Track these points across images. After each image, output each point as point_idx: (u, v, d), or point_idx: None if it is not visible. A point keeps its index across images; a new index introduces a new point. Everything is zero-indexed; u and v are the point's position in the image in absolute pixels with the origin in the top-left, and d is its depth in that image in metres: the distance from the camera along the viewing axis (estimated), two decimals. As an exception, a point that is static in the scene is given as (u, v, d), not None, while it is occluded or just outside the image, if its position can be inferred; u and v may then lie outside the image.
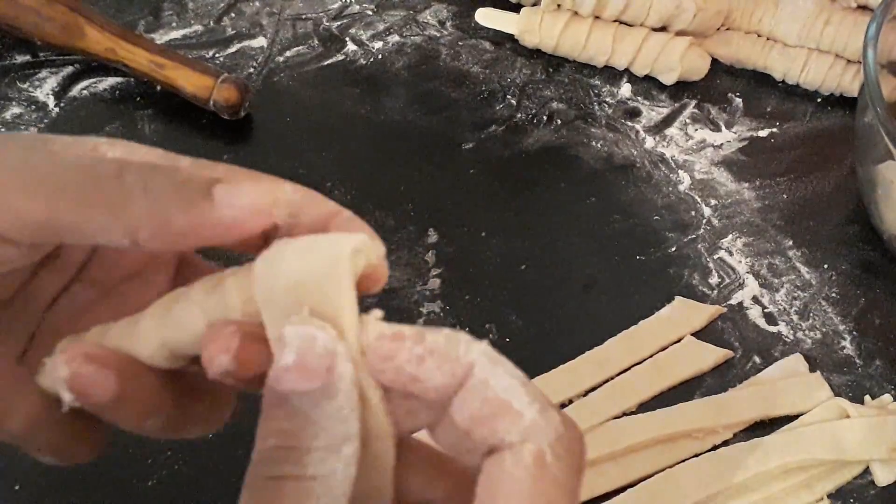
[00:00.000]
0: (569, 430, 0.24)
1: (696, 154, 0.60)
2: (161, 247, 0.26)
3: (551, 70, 0.64)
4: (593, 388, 0.50)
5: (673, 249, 0.56)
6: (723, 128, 0.62)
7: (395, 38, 0.65)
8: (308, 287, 0.24)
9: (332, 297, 0.24)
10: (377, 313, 0.25)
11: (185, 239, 0.26)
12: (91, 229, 0.25)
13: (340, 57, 0.64)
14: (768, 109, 0.63)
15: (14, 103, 0.60)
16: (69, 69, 0.62)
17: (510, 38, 0.65)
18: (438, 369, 0.24)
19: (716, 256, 0.56)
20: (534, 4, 0.65)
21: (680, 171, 0.60)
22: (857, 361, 0.52)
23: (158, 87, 0.60)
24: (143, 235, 0.25)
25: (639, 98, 0.63)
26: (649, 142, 0.61)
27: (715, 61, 0.64)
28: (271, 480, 0.23)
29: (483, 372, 0.24)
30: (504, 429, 0.23)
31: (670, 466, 0.47)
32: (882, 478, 0.48)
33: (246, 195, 0.25)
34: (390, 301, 0.52)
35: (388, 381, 0.24)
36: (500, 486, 0.23)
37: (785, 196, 0.59)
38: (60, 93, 0.61)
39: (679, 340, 0.52)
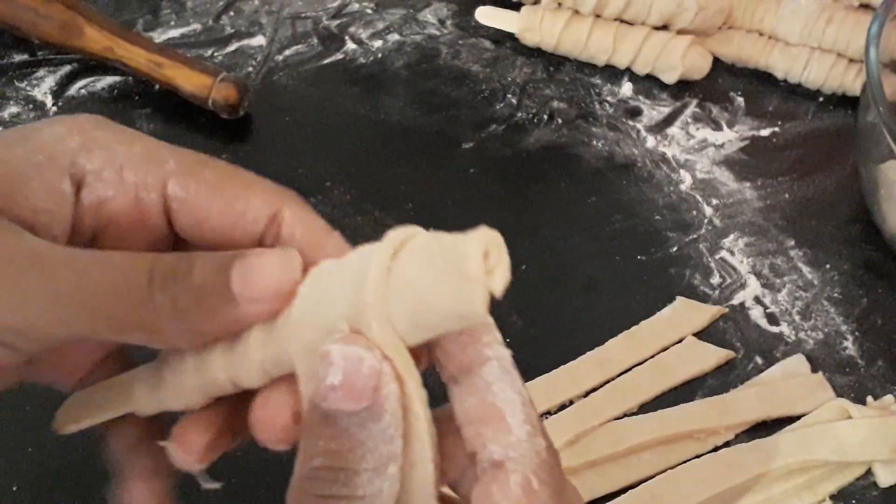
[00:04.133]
0: (551, 456, 0.24)
1: (697, 153, 0.60)
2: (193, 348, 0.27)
3: (552, 69, 0.64)
4: (594, 389, 0.49)
5: (674, 249, 0.56)
6: (724, 127, 0.62)
7: (394, 36, 0.65)
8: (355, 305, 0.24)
9: (370, 312, 0.24)
10: None
11: (215, 338, 0.26)
12: (127, 341, 0.26)
13: (340, 56, 0.64)
14: (770, 109, 0.63)
15: (12, 102, 0.60)
16: (67, 68, 0.61)
17: (510, 36, 0.64)
18: (458, 335, 0.24)
19: (717, 256, 0.56)
20: (534, 3, 0.65)
21: (681, 171, 0.59)
22: (860, 362, 0.52)
23: (157, 87, 0.60)
24: (177, 346, 0.27)
25: (640, 97, 0.63)
26: (650, 141, 0.61)
27: (716, 60, 0.64)
28: (321, 499, 0.23)
29: (491, 375, 0.24)
30: (489, 437, 0.23)
31: (672, 467, 0.47)
32: (884, 479, 0.47)
33: (267, 279, 0.25)
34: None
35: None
36: None
37: (787, 196, 0.59)
38: (58, 92, 0.60)
39: (680, 341, 0.51)
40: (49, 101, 0.60)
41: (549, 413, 0.48)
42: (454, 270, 0.22)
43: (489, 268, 0.23)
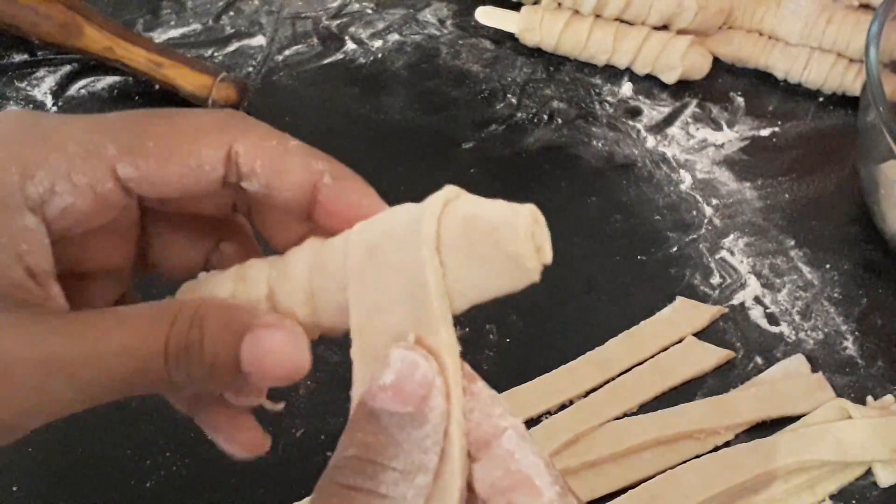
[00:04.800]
0: None
1: (697, 153, 0.60)
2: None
3: (552, 69, 0.64)
4: (594, 389, 0.49)
5: (674, 249, 0.56)
6: (724, 127, 0.62)
7: (394, 36, 0.65)
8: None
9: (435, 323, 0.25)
10: None
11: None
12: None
13: (340, 56, 0.64)
14: (770, 109, 0.63)
15: (12, 102, 0.60)
16: (67, 68, 0.61)
17: (510, 36, 0.64)
18: (470, 413, 0.25)
19: (717, 256, 0.55)
20: (534, 3, 0.65)
21: (681, 171, 0.59)
22: (860, 362, 0.52)
23: (157, 86, 0.60)
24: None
25: (640, 97, 0.63)
26: (650, 141, 0.61)
27: (716, 60, 0.64)
28: (343, 488, 0.24)
29: (510, 444, 0.24)
30: (522, 503, 0.24)
31: (672, 467, 0.47)
32: (884, 479, 0.47)
33: (277, 366, 0.26)
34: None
35: None
36: None
37: (787, 196, 0.59)
38: (58, 92, 0.60)
39: (680, 341, 0.51)
40: (49, 101, 0.60)
41: (549, 413, 0.48)
42: (507, 258, 0.24)
43: (537, 245, 0.24)
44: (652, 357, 0.51)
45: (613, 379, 0.50)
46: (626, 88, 0.63)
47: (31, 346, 0.25)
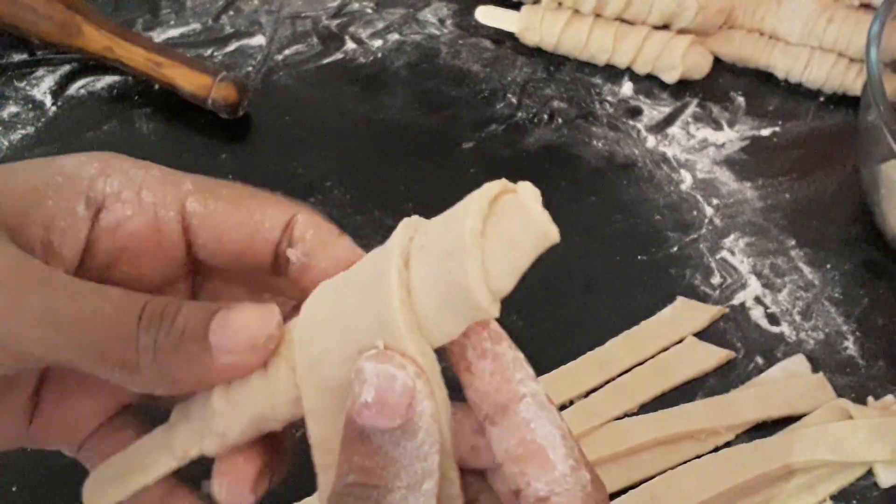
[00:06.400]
0: (596, 490, 0.24)
1: (697, 153, 0.60)
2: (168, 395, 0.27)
3: (552, 69, 0.64)
4: (594, 389, 0.49)
5: (675, 249, 0.56)
6: (725, 127, 0.62)
7: (394, 36, 0.65)
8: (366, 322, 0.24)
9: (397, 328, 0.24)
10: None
11: (191, 388, 0.27)
12: (103, 376, 0.26)
13: (339, 55, 0.64)
14: (770, 108, 0.63)
15: (11, 102, 0.60)
16: (66, 68, 0.61)
17: (511, 36, 0.64)
18: (490, 375, 0.24)
19: (718, 256, 0.55)
20: (534, 2, 0.65)
21: (682, 171, 0.59)
22: (860, 362, 0.52)
23: (156, 86, 0.60)
24: (152, 391, 0.27)
25: (640, 97, 0.63)
26: (651, 141, 0.61)
27: (717, 60, 0.64)
28: None
29: (528, 412, 0.24)
30: (533, 474, 0.24)
31: (672, 468, 0.47)
32: (885, 479, 0.47)
33: (242, 332, 0.26)
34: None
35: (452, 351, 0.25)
36: None
37: (787, 195, 0.58)
38: (58, 91, 0.60)
39: (681, 341, 0.51)
40: (48, 100, 0.60)
41: (549, 413, 0.48)
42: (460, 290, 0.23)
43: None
44: (652, 357, 0.51)
45: (614, 379, 0.50)
46: (627, 88, 0.63)
47: (17, 276, 0.25)
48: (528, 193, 0.23)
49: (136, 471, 0.29)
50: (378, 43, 0.64)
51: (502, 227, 0.23)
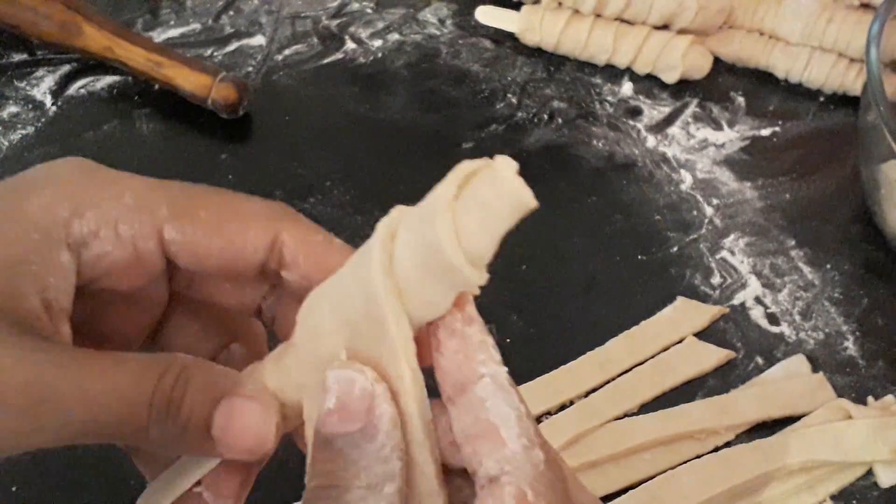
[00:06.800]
0: (550, 469, 0.24)
1: (697, 153, 0.60)
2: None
3: (552, 69, 0.64)
4: (594, 389, 0.49)
5: (675, 249, 0.56)
6: (725, 127, 0.62)
7: (394, 36, 0.65)
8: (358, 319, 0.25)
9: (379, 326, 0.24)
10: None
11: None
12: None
13: (339, 55, 0.64)
14: (771, 108, 0.63)
15: (11, 102, 0.59)
16: (66, 68, 0.61)
17: (511, 36, 0.64)
18: (454, 354, 0.24)
19: (718, 256, 0.55)
20: (535, 2, 0.64)
21: (682, 171, 0.59)
22: (860, 362, 0.52)
23: (156, 86, 0.60)
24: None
25: (640, 97, 0.63)
26: (651, 141, 0.61)
27: (717, 60, 0.64)
28: None
29: (484, 391, 0.24)
30: (484, 452, 0.23)
31: (672, 468, 0.47)
32: (885, 479, 0.47)
33: (242, 435, 0.26)
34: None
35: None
36: None
37: (787, 195, 0.58)
38: (58, 91, 0.60)
39: (681, 341, 0.51)
40: (48, 100, 0.60)
41: (549, 413, 0.48)
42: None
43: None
44: (652, 357, 0.51)
45: (614, 379, 0.50)
46: (627, 88, 0.63)
47: (25, 369, 0.25)
48: (502, 164, 0.24)
49: (178, 477, 0.30)
50: (378, 43, 0.64)
51: (475, 192, 0.24)
